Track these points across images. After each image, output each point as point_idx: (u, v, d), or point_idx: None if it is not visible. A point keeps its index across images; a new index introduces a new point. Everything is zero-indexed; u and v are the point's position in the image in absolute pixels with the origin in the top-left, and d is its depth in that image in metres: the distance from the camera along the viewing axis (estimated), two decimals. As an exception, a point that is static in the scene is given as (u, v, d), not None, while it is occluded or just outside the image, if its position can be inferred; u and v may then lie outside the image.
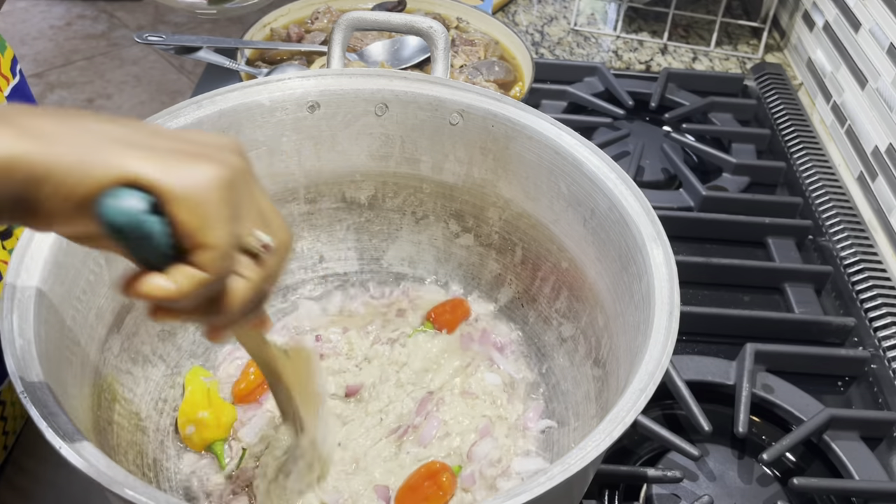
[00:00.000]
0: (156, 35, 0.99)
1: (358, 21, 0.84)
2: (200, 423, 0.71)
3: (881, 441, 0.82)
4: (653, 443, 0.80)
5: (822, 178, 1.11)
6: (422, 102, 0.77)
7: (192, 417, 0.71)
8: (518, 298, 0.83)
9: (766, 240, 1.05)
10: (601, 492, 0.75)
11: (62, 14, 3.40)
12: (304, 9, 1.21)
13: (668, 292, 0.60)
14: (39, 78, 3.01)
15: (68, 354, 0.60)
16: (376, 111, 0.78)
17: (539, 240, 0.78)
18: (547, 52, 1.39)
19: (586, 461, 0.49)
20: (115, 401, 0.68)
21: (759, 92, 1.30)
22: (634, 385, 0.54)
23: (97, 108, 2.91)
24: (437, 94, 0.77)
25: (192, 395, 0.73)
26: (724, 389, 0.84)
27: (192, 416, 0.71)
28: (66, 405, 0.53)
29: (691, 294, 0.98)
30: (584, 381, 0.73)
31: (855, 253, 1.00)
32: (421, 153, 0.80)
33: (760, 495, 0.77)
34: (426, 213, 0.85)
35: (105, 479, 0.47)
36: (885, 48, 1.09)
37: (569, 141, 0.72)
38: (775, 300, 0.98)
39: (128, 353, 0.71)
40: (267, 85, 0.75)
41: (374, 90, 0.77)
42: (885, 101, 1.07)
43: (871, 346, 0.91)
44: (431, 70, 0.83)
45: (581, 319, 0.74)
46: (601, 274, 0.70)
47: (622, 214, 0.67)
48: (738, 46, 1.44)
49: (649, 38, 1.44)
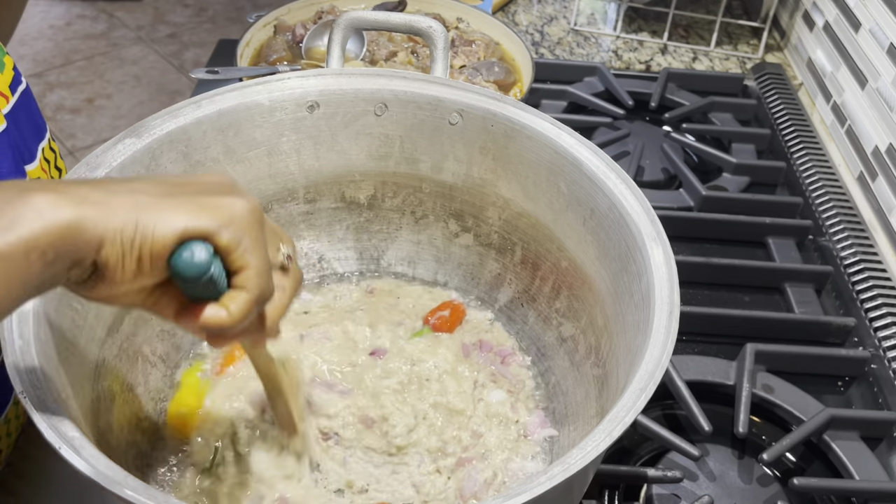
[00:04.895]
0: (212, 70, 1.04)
1: (358, 21, 0.84)
2: (185, 418, 0.72)
3: (881, 441, 0.82)
4: (653, 443, 0.80)
5: (822, 178, 1.11)
6: (421, 102, 0.77)
7: (178, 413, 0.73)
8: (518, 298, 0.83)
9: (766, 240, 1.05)
10: (601, 492, 0.75)
11: (62, 14, 3.40)
12: (304, 8, 1.21)
13: (667, 292, 0.60)
14: (39, 78, 3.01)
15: (67, 355, 0.60)
16: (376, 111, 0.78)
17: (539, 239, 0.78)
18: (547, 52, 1.39)
19: (586, 461, 0.49)
20: (114, 401, 0.68)
21: (759, 92, 1.30)
22: (634, 385, 0.54)
23: (97, 108, 2.91)
24: (437, 94, 0.77)
25: (182, 393, 0.74)
26: (724, 389, 0.84)
27: (178, 412, 0.73)
28: (65, 406, 0.53)
29: (691, 294, 0.98)
30: (584, 381, 0.72)
31: (855, 253, 1.00)
32: (420, 153, 0.80)
33: (760, 495, 0.77)
34: (426, 212, 0.85)
35: (105, 479, 0.47)
36: (885, 48, 1.09)
37: (568, 141, 0.72)
38: (775, 300, 0.98)
39: (127, 354, 0.71)
40: (266, 85, 0.75)
41: (374, 90, 0.77)
42: (885, 101, 1.07)
43: (871, 346, 0.91)
44: (431, 70, 0.83)
45: (581, 319, 0.74)
46: (601, 274, 0.70)
47: (622, 214, 0.67)
48: (738, 46, 1.44)
49: (649, 38, 1.44)
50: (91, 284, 0.45)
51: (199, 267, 0.44)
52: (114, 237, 0.42)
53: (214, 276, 0.46)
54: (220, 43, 1.38)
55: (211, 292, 0.47)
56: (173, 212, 0.44)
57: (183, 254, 0.44)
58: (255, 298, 0.48)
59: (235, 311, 0.47)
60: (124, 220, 0.43)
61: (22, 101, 0.80)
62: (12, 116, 0.78)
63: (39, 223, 0.40)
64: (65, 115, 2.88)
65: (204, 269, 0.45)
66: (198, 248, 0.44)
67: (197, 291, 0.47)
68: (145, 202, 0.44)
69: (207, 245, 0.45)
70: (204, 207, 0.45)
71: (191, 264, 0.44)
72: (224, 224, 0.45)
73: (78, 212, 0.41)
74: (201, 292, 0.47)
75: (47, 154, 0.84)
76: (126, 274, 0.44)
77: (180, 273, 0.44)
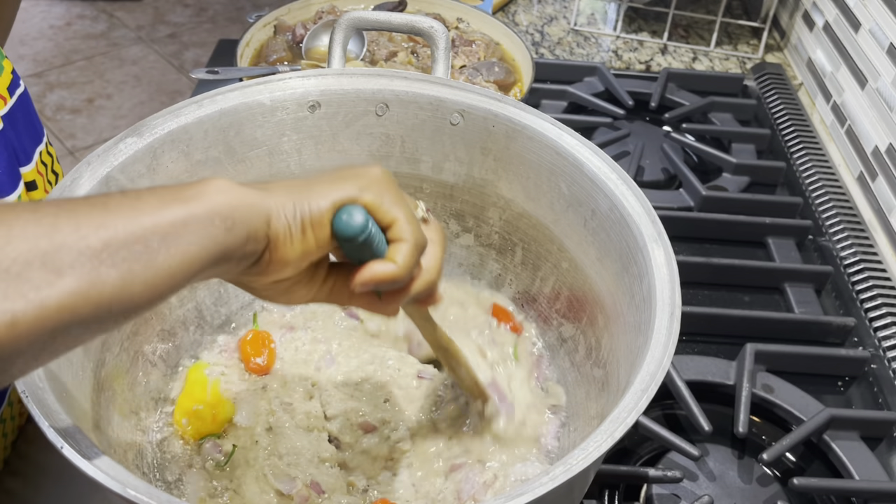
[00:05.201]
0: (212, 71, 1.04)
1: (358, 21, 0.84)
2: (195, 415, 0.71)
3: (881, 441, 0.82)
4: (653, 443, 0.80)
5: (822, 178, 1.11)
6: (422, 102, 0.77)
7: (188, 409, 0.72)
8: (518, 298, 0.83)
9: (766, 240, 1.05)
10: (601, 492, 0.75)
11: (62, 14, 3.40)
12: (304, 8, 1.21)
13: (669, 293, 0.60)
14: (39, 78, 3.01)
15: (69, 354, 0.60)
16: (377, 111, 0.78)
17: (539, 240, 0.78)
18: (547, 52, 1.39)
19: (588, 462, 0.49)
20: (114, 401, 0.68)
21: (759, 92, 1.30)
22: (636, 386, 0.54)
23: (97, 108, 2.91)
24: (438, 94, 0.77)
25: (190, 387, 0.73)
26: (724, 389, 0.84)
27: (187, 408, 0.72)
28: (66, 405, 0.53)
29: (691, 294, 0.98)
30: (585, 382, 0.72)
31: (855, 253, 1.00)
32: (421, 153, 0.80)
33: (760, 495, 0.77)
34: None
35: (105, 478, 0.47)
36: (885, 48, 1.09)
37: (569, 141, 0.72)
38: (775, 300, 0.98)
39: (128, 353, 0.71)
40: (268, 84, 0.75)
41: (375, 90, 0.77)
42: (885, 101, 1.07)
43: (871, 346, 0.91)
44: (432, 70, 0.83)
45: (581, 320, 0.74)
46: (602, 274, 0.70)
47: (623, 215, 0.67)
48: (738, 46, 1.44)
49: (649, 38, 1.44)
50: (264, 264, 0.49)
51: (356, 226, 0.50)
52: (278, 212, 0.48)
53: (372, 233, 0.51)
54: (220, 43, 1.38)
55: (373, 252, 0.52)
56: (321, 189, 0.50)
57: (342, 216, 0.50)
58: (413, 245, 0.52)
59: (401, 260, 0.52)
60: (283, 201, 0.48)
61: (20, 104, 0.80)
62: (9, 119, 0.78)
63: (221, 195, 0.45)
64: (65, 115, 2.88)
65: (362, 227, 0.50)
66: (353, 209, 0.50)
67: (362, 253, 0.52)
68: (296, 188, 0.50)
69: (360, 207, 0.51)
70: (345, 178, 0.51)
71: (349, 224, 0.50)
72: (365, 187, 0.51)
73: (246, 193, 0.47)
74: (365, 253, 0.52)
75: (44, 157, 0.84)
76: (294, 245, 0.49)
77: (342, 233, 0.50)
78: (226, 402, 0.73)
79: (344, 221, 0.50)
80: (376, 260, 0.52)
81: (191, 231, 0.43)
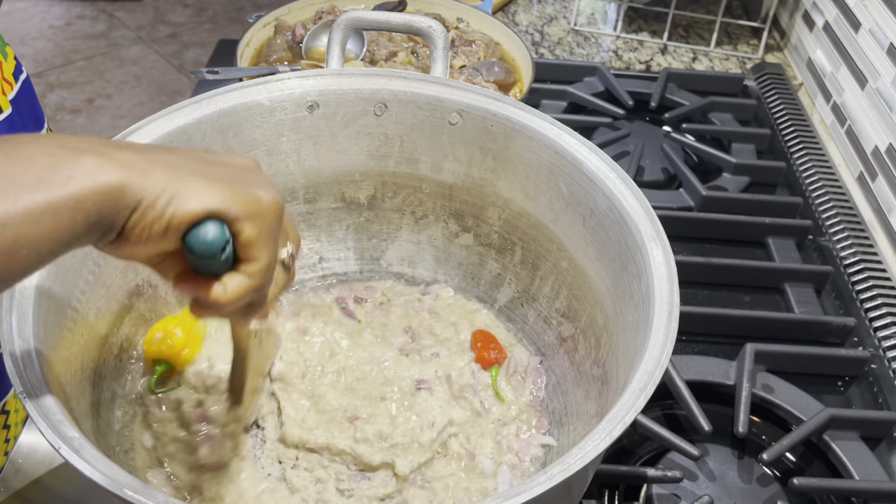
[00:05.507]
0: (212, 71, 1.04)
1: (357, 21, 0.84)
2: (169, 335, 0.71)
3: (881, 441, 0.82)
4: (653, 443, 0.80)
5: (822, 178, 1.11)
6: (421, 102, 0.77)
7: (166, 329, 0.72)
8: (517, 298, 0.83)
9: (766, 240, 1.05)
10: (601, 492, 0.75)
11: (62, 14, 3.40)
12: (304, 8, 1.21)
13: (667, 292, 0.60)
14: (39, 78, 3.01)
15: (68, 355, 0.60)
16: (375, 111, 0.78)
17: (539, 239, 0.78)
18: (547, 52, 1.39)
19: (586, 461, 0.49)
20: (114, 402, 0.68)
21: (759, 92, 1.30)
22: (634, 384, 0.54)
23: (97, 108, 2.92)
24: (437, 94, 0.77)
25: (181, 316, 0.73)
26: (724, 389, 0.84)
27: (167, 327, 0.72)
28: (65, 405, 0.53)
29: (691, 294, 0.98)
30: (584, 381, 0.72)
31: (855, 253, 1.00)
32: (420, 153, 0.80)
33: (760, 495, 0.77)
34: (426, 212, 0.85)
35: (105, 479, 0.47)
36: (885, 48, 1.09)
37: (568, 141, 0.72)
38: (775, 300, 0.98)
39: (127, 353, 0.71)
40: (266, 85, 0.75)
41: (374, 90, 0.77)
42: (885, 101, 1.07)
43: (871, 346, 0.91)
44: (431, 70, 0.83)
45: (580, 319, 0.74)
46: (601, 273, 0.70)
47: (622, 214, 0.67)
48: (738, 46, 1.44)
49: (649, 38, 1.44)
50: (116, 244, 0.46)
51: (209, 245, 0.46)
52: (151, 203, 0.44)
53: (223, 257, 0.48)
54: (220, 43, 1.38)
55: (214, 269, 0.49)
56: (207, 189, 0.46)
57: (200, 230, 0.46)
58: (254, 287, 0.50)
59: (232, 293, 0.50)
60: (163, 189, 0.45)
61: (24, 90, 0.81)
62: (16, 103, 0.79)
63: (89, 183, 0.42)
64: (65, 115, 2.88)
65: (215, 249, 0.46)
66: (213, 227, 0.46)
67: (202, 265, 0.49)
68: (184, 176, 0.46)
69: (224, 227, 0.47)
70: (236, 194, 0.47)
71: (203, 241, 0.46)
72: (251, 215, 0.48)
73: (123, 176, 0.43)
74: (206, 267, 0.49)
75: None
76: (151, 238, 0.46)
77: (192, 247, 0.46)
78: (198, 346, 0.73)
79: (199, 236, 0.46)
80: (210, 279, 0.49)
81: (46, 223, 0.41)
